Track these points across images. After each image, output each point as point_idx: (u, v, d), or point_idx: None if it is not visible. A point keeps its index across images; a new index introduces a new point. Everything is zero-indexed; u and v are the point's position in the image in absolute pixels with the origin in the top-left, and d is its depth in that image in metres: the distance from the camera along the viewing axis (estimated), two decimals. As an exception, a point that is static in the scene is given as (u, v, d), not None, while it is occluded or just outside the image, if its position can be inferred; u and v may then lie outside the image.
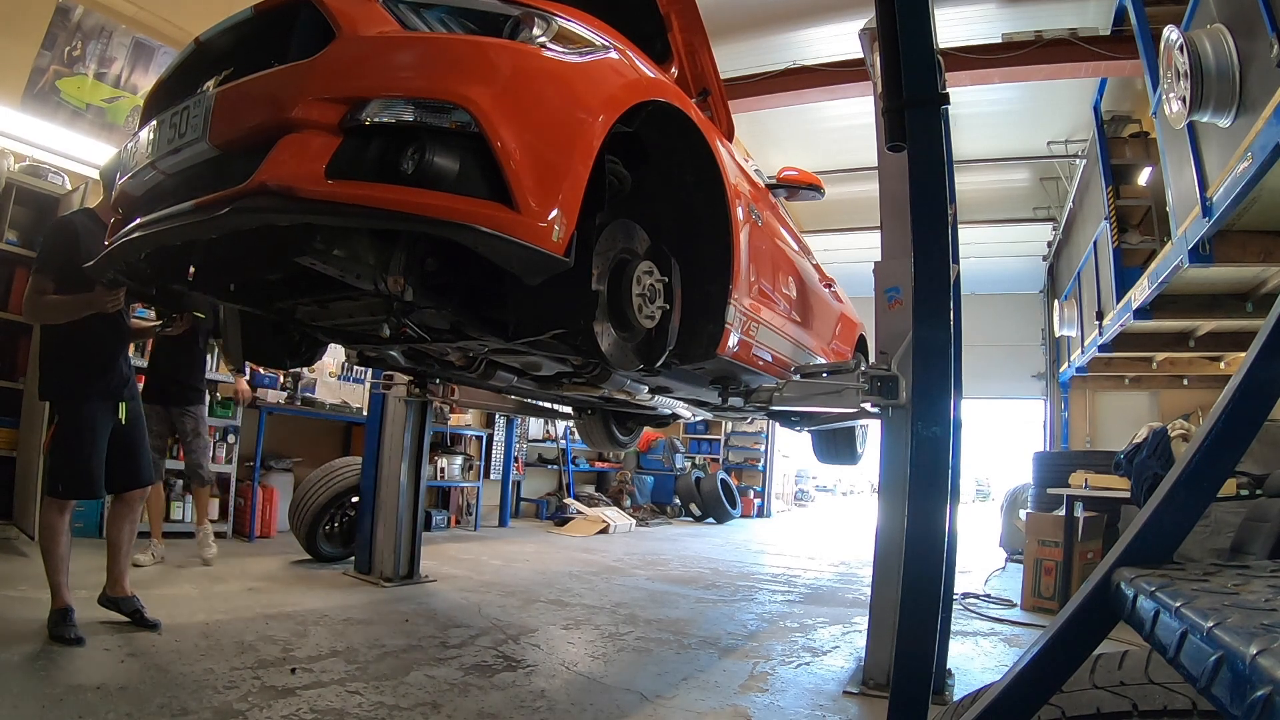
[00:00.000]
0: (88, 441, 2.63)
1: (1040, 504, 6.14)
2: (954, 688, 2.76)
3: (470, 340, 2.04)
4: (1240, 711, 0.38)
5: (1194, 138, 3.61)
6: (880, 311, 2.91)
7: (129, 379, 2.83)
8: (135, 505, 2.84)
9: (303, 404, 5.96)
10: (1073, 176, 8.06)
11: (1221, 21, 3.17)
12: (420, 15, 1.57)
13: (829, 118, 7.60)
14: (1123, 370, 7.80)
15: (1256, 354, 0.58)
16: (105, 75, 4.73)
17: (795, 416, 3.80)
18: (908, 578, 0.92)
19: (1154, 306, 4.93)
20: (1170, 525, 0.60)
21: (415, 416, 4.22)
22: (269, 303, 2.12)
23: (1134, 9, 4.58)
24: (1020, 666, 0.64)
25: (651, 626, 3.48)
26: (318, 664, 2.53)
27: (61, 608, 2.54)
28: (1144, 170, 6.10)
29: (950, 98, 0.98)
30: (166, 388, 4.10)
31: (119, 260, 1.86)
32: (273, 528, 5.42)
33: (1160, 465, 4.24)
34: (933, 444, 0.94)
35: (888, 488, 2.81)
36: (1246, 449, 0.59)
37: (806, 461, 15.86)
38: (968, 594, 4.76)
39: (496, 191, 1.42)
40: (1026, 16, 5.78)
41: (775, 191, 3.10)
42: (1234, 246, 3.74)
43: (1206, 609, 0.46)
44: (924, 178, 0.95)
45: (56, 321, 2.67)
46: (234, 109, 1.51)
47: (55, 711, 1.93)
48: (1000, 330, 10.70)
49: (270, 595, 3.53)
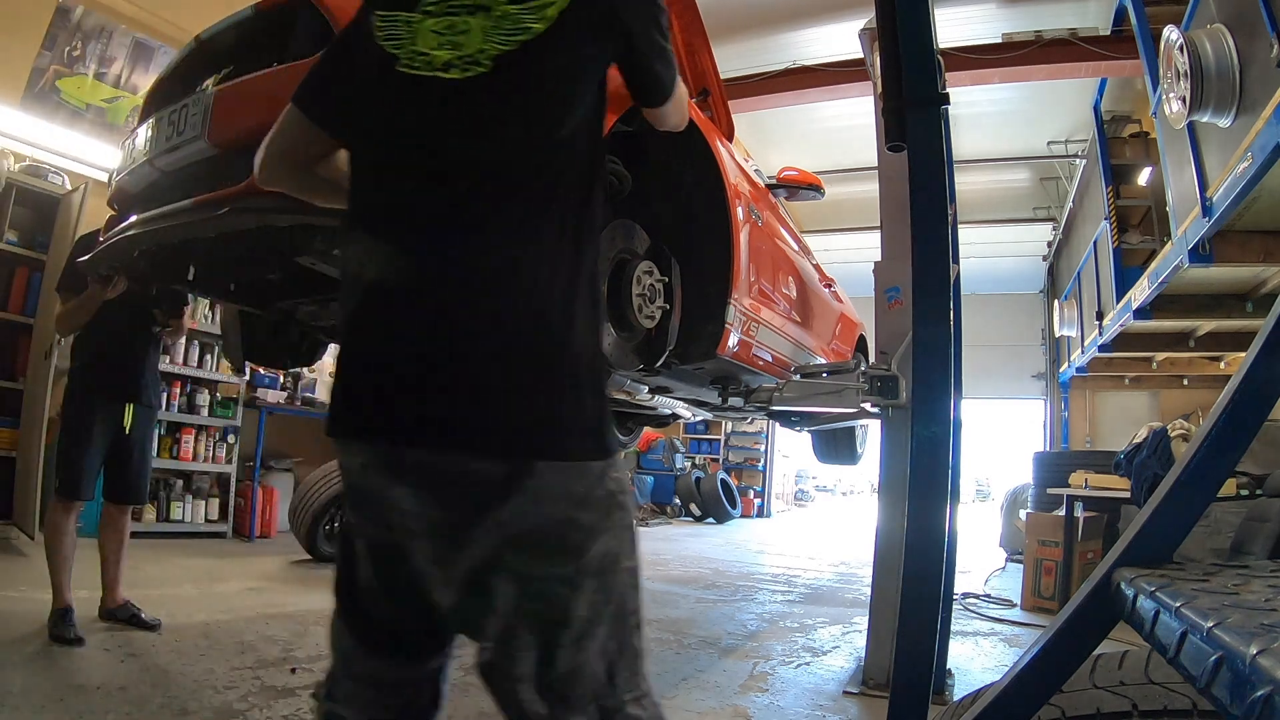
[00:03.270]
0: (81, 440, 2.63)
1: (1040, 504, 6.14)
2: (954, 688, 2.76)
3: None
4: (1240, 711, 0.38)
5: (1194, 138, 3.61)
6: (880, 311, 2.91)
7: (140, 380, 2.79)
8: (119, 517, 2.80)
9: (303, 404, 5.96)
10: (1073, 176, 8.06)
11: (1221, 21, 3.16)
12: (420, 15, 1.57)
13: (829, 118, 7.59)
14: (1123, 370, 7.80)
15: (1256, 354, 0.58)
16: (105, 75, 4.74)
17: (795, 416, 3.80)
18: (908, 578, 0.92)
19: (1154, 306, 4.93)
20: (1170, 525, 0.60)
21: (415, 416, 4.21)
22: (269, 303, 2.12)
23: (1134, 9, 4.57)
24: (1020, 666, 0.64)
25: (651, 626, 3.47)
26: (318, 664, 2.53)
27: (62, 608, 2.54)
28: (1144, 170, 6.10)
29: (950, 98, 0.98)
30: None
31: (115, 256, 1.86)
32: (273, 528, 5.42)
33: (1160, 465, 4.24)
34: (933, 444, 0.94)
35: (888, 488, 2.81)
36: (1246, 449, 0.59)
37: (806, 461, 15.85)
38: (968, 594, 4.76)
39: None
40: (1026, 16, 5.78)
41: (775, 191, 3.10)
42: (1234, 246, 3.73)
43: (1206, 609, 0.46)
44: (924, 178, 0.95)
45: (76, 328, 2.71)
46: (233, 108, 1.51)
47: (55, 711, 1.92)
48: (1000, 330, 10.69)
49: (270, 595, 3.53)
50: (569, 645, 0.91)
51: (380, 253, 0.93)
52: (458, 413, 0.88)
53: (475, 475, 0.87)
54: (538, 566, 0.90)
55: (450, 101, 0.93)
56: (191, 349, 4.99)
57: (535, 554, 0.90)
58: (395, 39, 0.95)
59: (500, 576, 0.89)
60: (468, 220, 0.91)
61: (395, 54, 0.95)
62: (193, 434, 4.98)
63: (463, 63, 0.92)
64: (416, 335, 0.90)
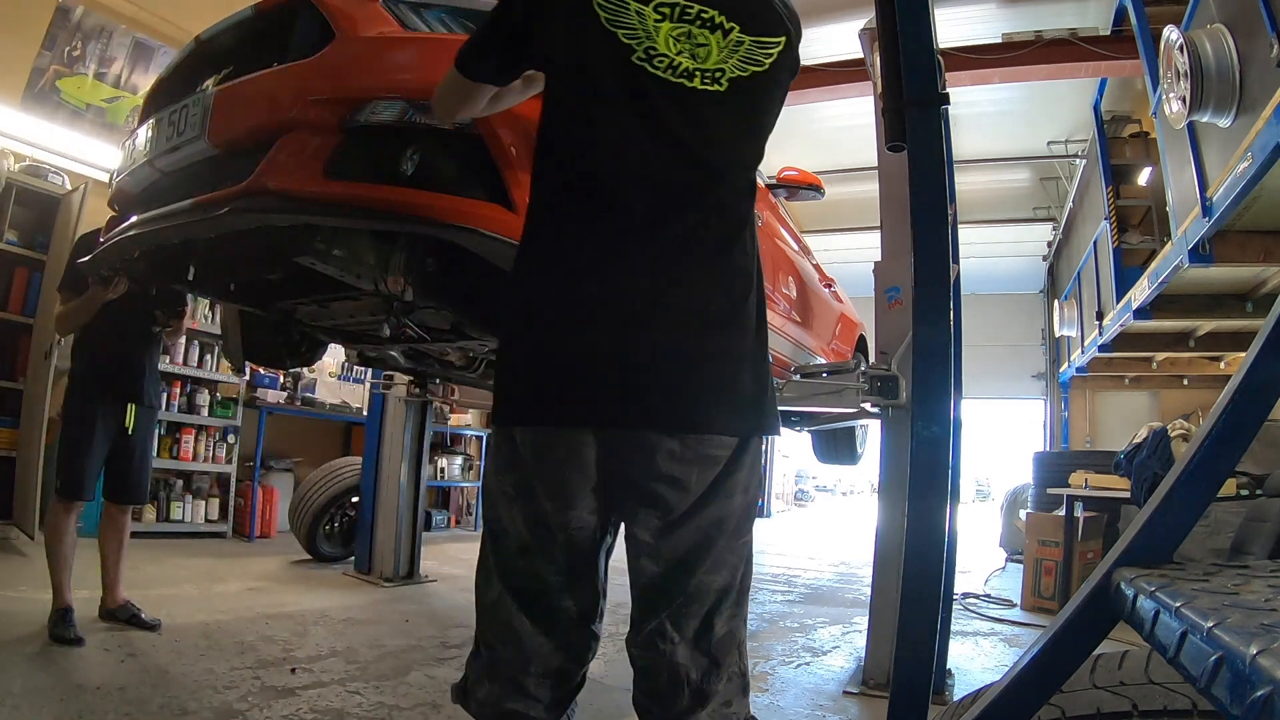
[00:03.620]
0: (83, 440, 2.63)
1: (1040, 504, 6.14)
2: (954, 688, 2.76)
3: (470, 340, 2.04)
4: (1240, 711, 0.38)
5: (1194, 138, 3.61)
6: (880, 311, 2.91)
7: (142, 380, 2.79)
8: (119, 518, 2.80)
9: (303, 404, 5.96)
10: (1073, 176, 8.06)
11: (1221, 21, 3.17)
12: (420, 15, 1.57)
13: (829, 118, 7.59)
14: (1123, 370, 7.80)
15: (1256, 354, 0.57)
16: (105, 75, 4.73)
17: (795, 416, 3.80)
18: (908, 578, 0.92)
19: (1154, 306, 4.93)
20: (1170, 525, 0.60)
21: (415, 416, 4.22)
22: (269, 303, 2.12)
23: (1134, 9, 4.57)
24: (1020, 666, 0.64)
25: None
26: (318, 664, 2.53)
27: (62, 607, 2.54)
28: (1144, 170, 6.10)
29: (950, 98, 0.98)
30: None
31: (115, 257, 1.86)
32: (273, 528, 5.42)
33: (1160, 465, 4.24)
34: (933, 444, 0.94)
35: (888, 488, 2.81)
36: (1246, 449, 0.59)
37: (806, 461, 15.86)
38: (968, 594, 4.76)
39: (495, 192, 1.42)
40: (1026, 16, 5.78)
41: (775, 191, 3.10)
42: (1234, 246, 3.74)
43: (1206, 609, 0.46)
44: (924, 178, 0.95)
45: (76, 328, 2.72)
46: (233, 108, 1.51)
47: (55, 711, 1.92)
48: (1000, 330, 10.69)
49: (270, 595, 3.53)
50: (728, 610, 1.05)
51: (603, 244, 1.00)
52: (705, 398, 1.00)
53: (715, 453, 1.01)
54: (731, 537, 1.04)
55: (695, 109, 1.01)
56: (191, 349, 4.98)
57: (729, 526, 1.04)
58: (628, 29, 1.00)
59: (701, 546, 1.02)
60: (697, 222, 1.01)
61: (630, 45, 1.00)
62: (193, 434, 4.98)
63: (703, 76, 1.01)
64: (659, 331, 0.98)
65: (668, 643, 1.02)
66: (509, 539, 1.05)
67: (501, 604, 1.04)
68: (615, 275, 0.98)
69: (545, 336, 0.99)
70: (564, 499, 1.01)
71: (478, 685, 1.06)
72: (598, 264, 0.99)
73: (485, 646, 1.07)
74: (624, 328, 0.97)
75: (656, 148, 1.00)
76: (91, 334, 2.70)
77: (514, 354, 1.03)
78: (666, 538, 1.02)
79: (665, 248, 0.99)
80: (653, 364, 0.97)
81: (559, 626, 1.04)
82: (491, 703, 1.04)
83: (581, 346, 0.97)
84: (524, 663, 1.03)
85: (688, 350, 0.99)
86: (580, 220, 1.01)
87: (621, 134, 1.01)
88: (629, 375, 0.97)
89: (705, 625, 1.03)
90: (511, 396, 1.02)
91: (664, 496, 1.00)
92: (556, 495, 1.01)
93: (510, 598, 1.04)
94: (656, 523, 1.02)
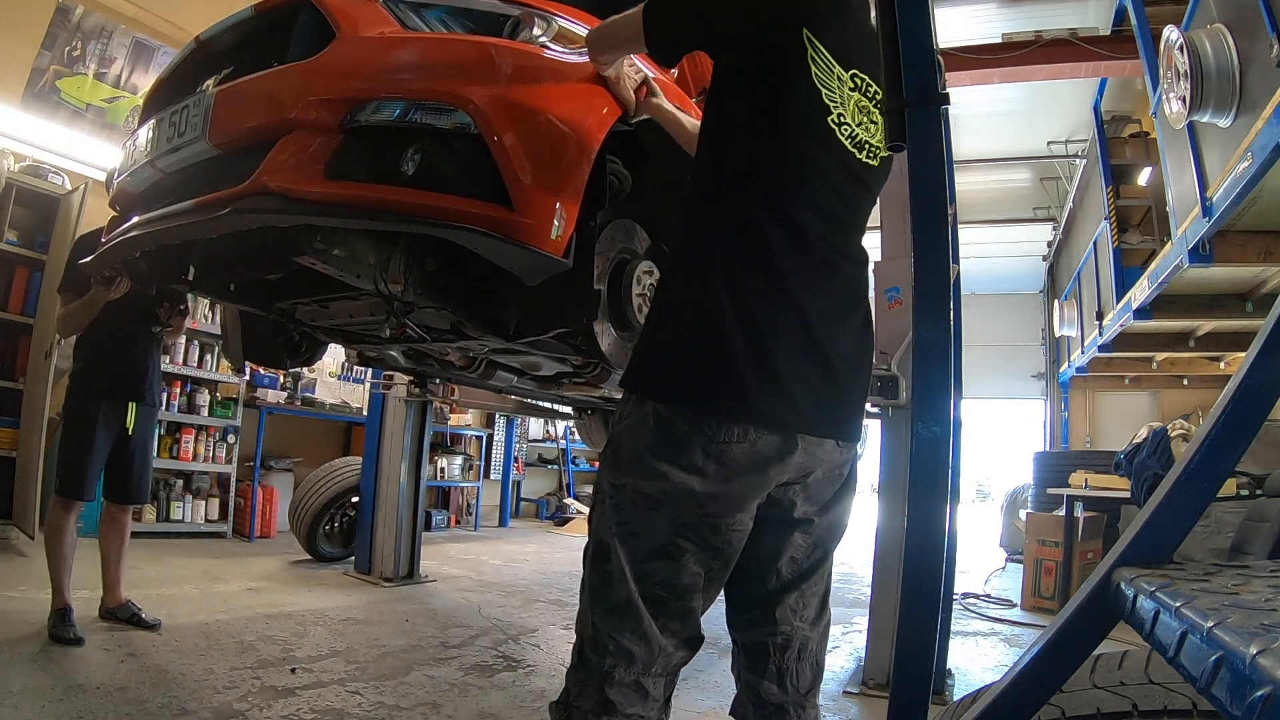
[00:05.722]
0: (84, 440, 2.63)
1: (1040, 504, 6.14)
2: (954, 688, 2.76)
3: (470, 340, 2.03)
4: (1240, 711, 0.38)
5: (1194, 138, 3.61)
6: (880, 311, 2.90)
7: (144, 380, 2.79)
8: (119, 518, 2.81)
9: (303, 404, 5.96)
10: (1073, 176, 8.06)
11: (1221, 21, 3.17)
12: (420, 15, 1.57)
13: (829, 118, 7.59)
14: (1123, 370, 7.80)
15: (1256, 354, 0.57)
16: (105, 75, 4.74)
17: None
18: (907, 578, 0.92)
19: (1154, 306, 4.94)
20: (1170, 525, 0.60)
21: (415, 416, 4.22)
22: (269, 303, 2.12)
23: (1134, 9, 4.58)
24: (1020, 666, 0.64)
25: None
26: (318, 664, 2.54)
27: (61, 607, 2.54)
28: (1144, 170, 6.10)
29: (950, 98, 0.98)
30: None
31: (115, 258, 1.86)
32: (273, 528, 5.42)
33: (1160, 465, 4.24)
34: (933, 444, 0.94)
35: (888, 488, 2.81)
36: (1246, 449, 0.59)
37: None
38: (968, 594, 4.76)
39: (495, 192, 1.42)
40: (1026, 16, 5.79)
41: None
42: (1234, 246, 3.74)
43: (1206, 609, 0.46)
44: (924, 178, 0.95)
45: (78, 329, 2.71)
46: (234, 108, 1.51)
47: (55, 711, 1.93)
48: (1000, 330, 10.70)
49: (270, 595, 3.53)
50: (828, 618, 1.23)
51: (811, 275, 1.08)
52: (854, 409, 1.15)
53: (847, 461, 1.15)
54: (834, 544, 1.19)
55: (864, 177, 1.14)
56: (191, 349, 4.98)
57: (837, 532, 1.19)
58: (829, 91, 1.08)
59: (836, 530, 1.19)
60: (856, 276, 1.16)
61: (829, 106, 1.08)
62: (193, 434, 4.98)
63: (870, 149, 1.13)
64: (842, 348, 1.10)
65: (800, 620, 1.16)
66: (639, 542, 1.05)
67: (631, 608, 1.04)
68: (822, 300, 1.08)
69: (794, 345, 1.05)
70: (743, 503, 1.05)
71: (588, 695, 1.04)
72: (808, 288, 1.07)
73: (603, 654, 1.05)
74: (834, 342, 1.09)
75: (833, 198, 1.11)
76: (93, 334, 2.70)
77: (761, 352, 1.04)
78: (824, 515, 1.15)
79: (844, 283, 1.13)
80: (846, 381, 1.11)
81: (688, 625, 1.08)
82: (608, 712, 1.03)
83: (817, 359, 1.07)
84: (648, 664, 1.04)
85: (864, 376, 1.17)
86: (783, 249, 1.07)
87: (819, 179, 1.10)
88: (833, 389, 1.09)
89: (822, 606, 1.19)
90: (747, 395, 1.02)
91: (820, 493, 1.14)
92: (745, 498, 1.05)
93: (641, 602, 1.04)
94: (812, 509, 1.14)
